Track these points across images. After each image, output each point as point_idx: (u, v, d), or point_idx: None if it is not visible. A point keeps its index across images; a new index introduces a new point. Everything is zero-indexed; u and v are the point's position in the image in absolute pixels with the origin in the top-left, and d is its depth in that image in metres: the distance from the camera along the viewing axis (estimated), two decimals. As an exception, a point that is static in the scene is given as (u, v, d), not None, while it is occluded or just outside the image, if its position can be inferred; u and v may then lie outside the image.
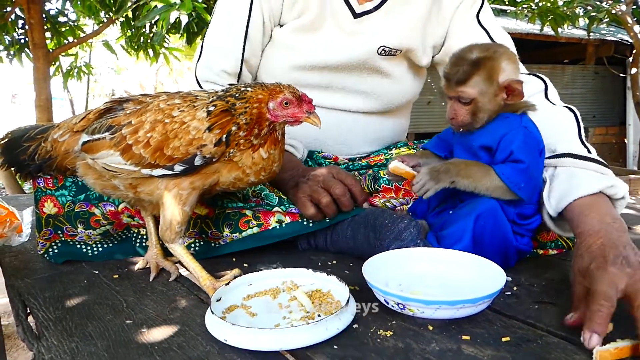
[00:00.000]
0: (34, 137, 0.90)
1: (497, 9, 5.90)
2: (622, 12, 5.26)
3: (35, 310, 0.77)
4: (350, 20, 1.17)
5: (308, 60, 1.18)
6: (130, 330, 0.70)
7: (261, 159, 0.83)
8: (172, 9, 2.57)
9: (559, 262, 0.96)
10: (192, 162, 0.80)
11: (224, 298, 0.74)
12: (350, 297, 0.71)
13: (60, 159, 0.88)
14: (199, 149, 0.80)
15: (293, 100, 0.81)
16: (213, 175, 0.83)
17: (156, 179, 0.83)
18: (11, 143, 0.90)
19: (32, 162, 0.89)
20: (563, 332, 0.67)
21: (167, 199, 0.83)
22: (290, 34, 1.18)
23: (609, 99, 7.44)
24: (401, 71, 1.24)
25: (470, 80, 0.85)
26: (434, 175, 0.87)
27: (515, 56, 0.90)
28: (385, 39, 1.17)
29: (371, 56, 1.18)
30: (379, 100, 1.24)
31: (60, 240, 0.99)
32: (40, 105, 4.21)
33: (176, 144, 0.80)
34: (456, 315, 0.69)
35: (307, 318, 0.70)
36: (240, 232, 0.99)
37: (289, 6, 1.17)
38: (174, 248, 0.86)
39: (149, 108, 0.83)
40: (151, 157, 0.80)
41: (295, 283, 0.79)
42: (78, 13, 4.74)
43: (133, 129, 0.82)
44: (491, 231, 0.85)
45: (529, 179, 0.85)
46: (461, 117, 0.88)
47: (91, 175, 0.87)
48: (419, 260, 0.83)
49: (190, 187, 0.83)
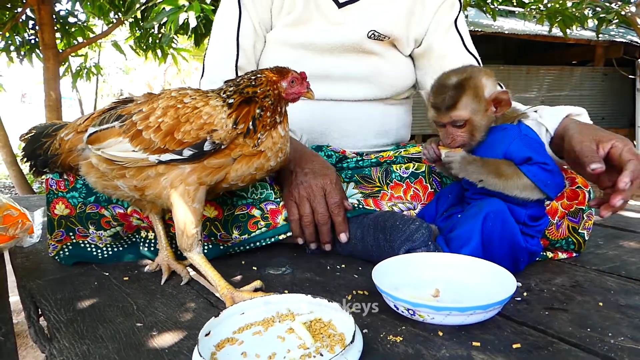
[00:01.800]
0: (50, 134, 0.92)
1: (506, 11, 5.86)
2: (632, 14, 5.21)
3: (47, 312, 0.78)
4: (335, 10, 1.22)
5: (302, 44, 1.22)
6: (141, 333, 0.71)
7: (280, 136, 0.86)
8: (180, 11, 2.58)
9: (569, 267, 0.96)
10: (202, 147, 0.81)
11: (213, 332, 0.66)
12: (356, 330, 0.64)
13: (64, 156, 0.90)
14: (209, 133, 0.81)
15: (298, 78, 0.88)
16: (221, 171, 0.84)
17: (161, 178, 0.83)
18: (33, 138, 0.94)
19: (45, 156, 0.92)
20: (574, 340, 0.67)
21: (175, 198, 0.83)
22: (282, 29, 1.23)
23: (618, 101, 7.38)
24: (393, 54, 1.27)
25: (459, 104, 0.88)
26: (464, 163, 0.88)
27: (489, 71, 0.92)
28: (375, 24, 1.22)
29: (362, 39, 1.22)
30: (379, 86, 1.26)
31: (72, 242, 1.00)
32: (50, 105, 4.25)
33: (187, 128, 0.81)
34: (466, 321, 0.69)
35: (307, 357, 0.62)
36: (250, 233, 1.00)
37: (277, 10, 1.23)
38: (193, 258, 0.85)
39: (160, 96, 0.86)
40: (161, 142, 0.81)
41: (292, 311, 0.72)
42: (87, 14, 4.78)
43: (144, 115, 0.83)
44: (500, 232, 0.85)
45: (553, 177, 0.86)
46: (459, 139, 0.90)
47: (93, 174, 0.88)
48: (429, 265, 0.82)
49: (198, 182, 0.83)
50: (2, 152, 4.51)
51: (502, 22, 6.72)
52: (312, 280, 0.90)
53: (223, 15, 1.24)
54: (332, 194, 0.99)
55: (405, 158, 1.10)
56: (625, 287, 0.85)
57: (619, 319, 0.73)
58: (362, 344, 0.63)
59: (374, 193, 1.05)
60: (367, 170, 1.08)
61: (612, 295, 0.82)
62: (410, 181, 1.06)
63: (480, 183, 0.86)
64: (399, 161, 1.11)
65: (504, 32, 6.45)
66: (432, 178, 1.06)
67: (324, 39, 1.22)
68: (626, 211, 1.46)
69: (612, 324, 0.71)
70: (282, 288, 0.86)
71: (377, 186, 1.05)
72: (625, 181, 0.78)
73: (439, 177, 1.07)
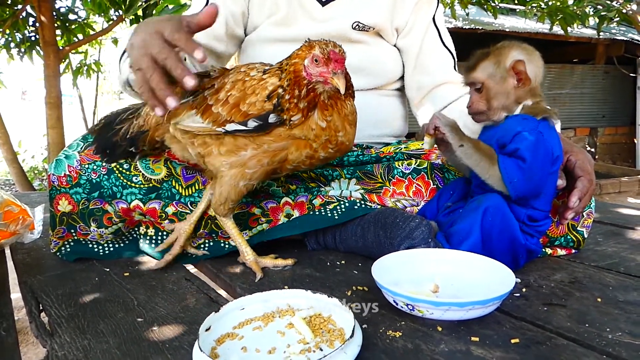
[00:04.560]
0: (125, 119, 0.95)
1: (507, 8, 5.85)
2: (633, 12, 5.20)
3: (48, 308, 0.78)
4: (319, 9, 1.24)
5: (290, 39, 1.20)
6: (142, 328, 0.71)
7: (320, 129, 0.83)
8: (182, 9, 2.59)
9: (568, 263, 0.96)
10: (267, 119, 0.81)
11: (213, 327, 0.67)
12: (355, 325, 0.63)
13: (152, 131, 0.93)
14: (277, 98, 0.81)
15: (321, 58, 0.78)
16: (281, 153, 0.84)
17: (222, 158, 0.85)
18: (104, 127, 0.96)
19: (124, 141, 0.94)
20: (572, 335, 0.67)
21: (227, 176, 0.86)
22: (267, 27, 1.24)
23: (618, 99, 7.36)
24: (379, 43, 1.29)
25: (478, 66, 0.91)
26: (453, 128, 0.88)
27: (527, 46, 0.92)
28: (358, 16, 1.24)
29: (347, 30, 1.24)
30: (370, 74, 1.27)
31: (73, 239, 1.01)
32: (50, 102, 4.25)
33: (252, 100, 0.82)
34: (465, 316, 0.69)
35: (306, 351, 0.62)
36: (250, 228, 1.00)
37: (257, 8, 1.23)
38: (225, 222, 0.92)
39: (231, 71, 0.88)
40: (227, 114, 0.82)
41: (292, 307, 0.72)
42: (88, 11, 4.77)
43: (215, 90, 0.85)
44: (499, 227, 0.85)
45: (527, 180, 0.84)
46: (475, 105, 0.91)
47: (176, 144, 0.92)
48: (429, 261, 0.83)
49: (258, 164, 0.84)
50: (3, 149, 4.51)
51: (503, 20, 6.71)
52: (312, 276, 0.90)
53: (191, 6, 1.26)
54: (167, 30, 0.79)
55: (405, 154, 1.10)
56: (623, 284, 0.85)
57: (617, 315, 0.73)
58: (361, 339, 0.63)
59: (376, 189, 1.05)
60: (370, 167, 1.08)
61: (610, 292, 0.82)
62: (413, 177, 1.06)
63: (460, 147, 0.86)
64: (398, 157, 1.11)
65: (504, 30, 6.43)
66: (435, 174, 1.06)
67: (311, 33, 1.22)
68: (625, 208, 1.46)
69: (610, 319, 0.72)
70: (282, 283, 0.86)
71: (379, 182, 1.05)
72: (573, 200, 0.91)
73: (441, 173, 1.07)
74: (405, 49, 1.30)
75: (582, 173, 0.92)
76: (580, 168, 0.92)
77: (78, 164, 0.98)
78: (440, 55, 1.30)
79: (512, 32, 6.46)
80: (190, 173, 1.01)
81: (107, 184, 0.98)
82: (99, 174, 0.98)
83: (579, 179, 0.91)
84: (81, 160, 0.99)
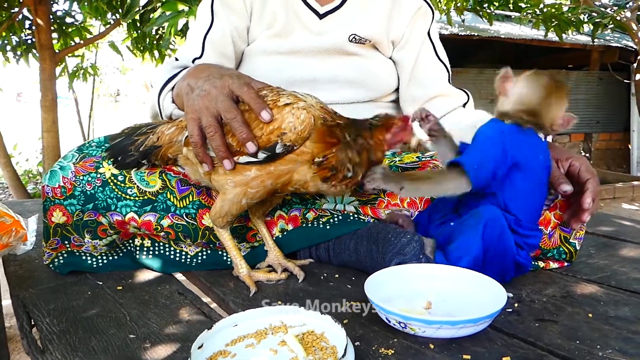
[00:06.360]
0: (144, 132, 0.98)
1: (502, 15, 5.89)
2: (627, 19, 5.25)
3: (40, 323, 0.78)
4: (316, 22, 1.25)
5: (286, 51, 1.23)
6: (134, 344, 0.71)
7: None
8: (180, 15, 2.59)
9: (561, 277, 0.97)
10: (274, 150, 0.83)
11: (206, 344, 0.66)
12: (348, 343, 0.64)
13: (165, 148, 0.96)
14: (280, 137, 0.83)
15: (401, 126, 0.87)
16: (285, 175, 0.86)
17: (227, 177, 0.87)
18: (124, 136, 1.00)
19: (137, 152, 0.97)
20: (563, 352, 0.67)
21: (231, 194, 0.88)
22: (265, 40, 1.25)
23: (613, 105, 7.42)
24: (375, 55, 1.30)
25: None
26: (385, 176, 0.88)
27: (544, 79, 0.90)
28: (355, 28, 1.24)
29: (344, 43, 1.24)
30: (365, 87, 1.28)
31: (67, 250, 1.00)
32: (45, 105, 4.24)
33: (257, 133, 0.84)
34: (457, 334, 0.69)
35: None
36: (248, 242, 1.00)
37: (257, 19, 1.24)
38: (222, 233, 0.93)
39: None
40: (237, 145, 0.84)
41: (285, 324, 0.72)
42: (85, 14, 4.77)
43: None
44: (497, 239, 0.85)
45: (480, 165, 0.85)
46: None
47: (190, 166, 0.96)
48: (421, 277, 0.83)
49: (261, 185, 0.87)
50: (-3, 153, 4.49)
51: (498, 27, 6.75)
52: (305, 290, 0.90)
53: (196, 22, 1.28)
54: (236, 85, 0.84)
55: (400, 168, 1.11)
56: (615, 298, 0.86)
57: (607, 331, 0.74)
58: (354, 356, 0.63)
59: (370, 200, 1.05)
60: None
61: (601, 307, 0.82)
62: None
63: (402, 190, 0.87)
64: (393, 170, 1.12)
65: (500, 36, 6.47)
66: None
67: (307, 46, 1.24)
68: (618, 219, 1.47)
69: (600, 335, 0.72)
70: (275, 298, 0.87)
71: (374, 194, 1.06)
72: (588, 202, 0.90)
73: None
74: (401, 62, 1.31)
75: (590, 175, 0.92)
76: (586, 171, 0.92)
77: (73, 175, 0.98)
78: (435, 69, 1.31)
79: (508, 38, 6.50)
80: (184, 185, 1.01)
81: (101, 196, 0.98)
82: (94, 185, 0.98)
83: (588, 181, 0.91)
84: (76, 172, 0.98)
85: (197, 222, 0.98)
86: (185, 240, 1.00)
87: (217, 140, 0.84)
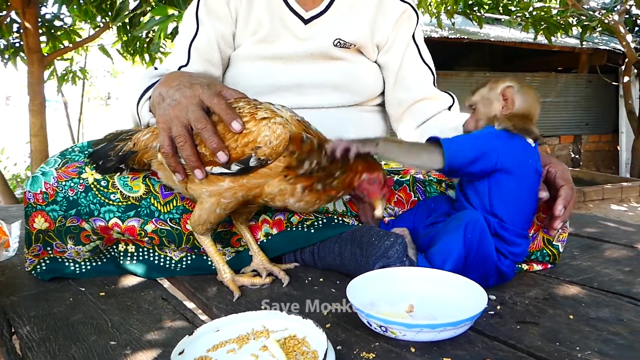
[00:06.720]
0: (124, 138, 0.99)
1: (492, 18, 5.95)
2: (615, 22, 5.32)
3: (20, 330, 0.77)
4: (301, 27, 1.25)
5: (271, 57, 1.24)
6: (114, 351, 0.70)
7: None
8: (169, 19, 2.59)
9: (544, 279, 0.97)
10: (248, 163, 0.83)
11: (187, 350, 0.66)
12: (328, 347, 0.64)
13: (141, 154, 0.95)
14: (254, 150, 0.83)
15: (381, 182, 0.90)
16: (256, 188, 0.87)
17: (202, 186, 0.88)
18: (107, 142, 1.00)
19: (116, 157, 0.97)
20: (543, 354, 0.68)
21: (207, 203, 0.88)
22: (250, 45, 1.25)
23: (601, 107, 7.50)
24: (360, 59, 1.30)
25: (477, 91, 0.98)
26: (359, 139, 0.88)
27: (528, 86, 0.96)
28: (339, 33, 1.25)
29: (329, 47, 1.25)
30: (350, 91, 1.28)
31: (49, 257, 0.99)
32: (34, 109, 4.19)
33: (232, 145, 0.84)
34: (438, 337, 0.70)
35: None
36: (232, 247, 1.00)
37: (243, 25, 1.24)
38: (203, 240, 0.93)
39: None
40: (210, 156, 0.84)
41: (267, 328, 0.73)
42: (74, 18, 4.73)
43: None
44: (477, 241, 0.86)
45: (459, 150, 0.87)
46: (466, 125, 0.99)
47: (162, 171, 0.95)
48: (404, 280, 0.83)
49: (233, 197, 0.87)
50: (-16, 157, 4.44)
51: (488, 30, 6.80)
52: (289, 294, 0.90)
53: (181, 30, 1.28)
54: (206, 95, 0.84)
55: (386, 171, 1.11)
56: (596, 300, 0.87)
57: (587, 332, 0.74)
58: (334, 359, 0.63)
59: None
60: None
61: (582, 308, 0.83)
62: (395, 189, 1.08)
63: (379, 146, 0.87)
64: None
65: (490, 39, 6.52)
66: (416, 187, 1.09)
67: (292, 51, 1.25)
68: (604, 221, 1.49)
69: (580, 337, 0.73)
70: (259, 302, 0.86)
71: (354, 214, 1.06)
72: (559, 209, 0.92)
73: (422, 185, 1.09)
74: (386, 65, 1.32)
75: (564, 182, 0.94)
76: (561, 177, 0.94)
77: (55, 181, 0.97)
78: (420, 72, 1.32)
79: (498, 41, 6.56)
80: (168, 190, 1.01)
81: (84, 202, 0.97)
82: (76, 191, 0.97)
83: (561, 188, 0.93)
84: (58, 177, 0.97)
85: (181, 227, 0.98)
86: (170, 246, 1.00)
87: (187, 150, 0.84)
